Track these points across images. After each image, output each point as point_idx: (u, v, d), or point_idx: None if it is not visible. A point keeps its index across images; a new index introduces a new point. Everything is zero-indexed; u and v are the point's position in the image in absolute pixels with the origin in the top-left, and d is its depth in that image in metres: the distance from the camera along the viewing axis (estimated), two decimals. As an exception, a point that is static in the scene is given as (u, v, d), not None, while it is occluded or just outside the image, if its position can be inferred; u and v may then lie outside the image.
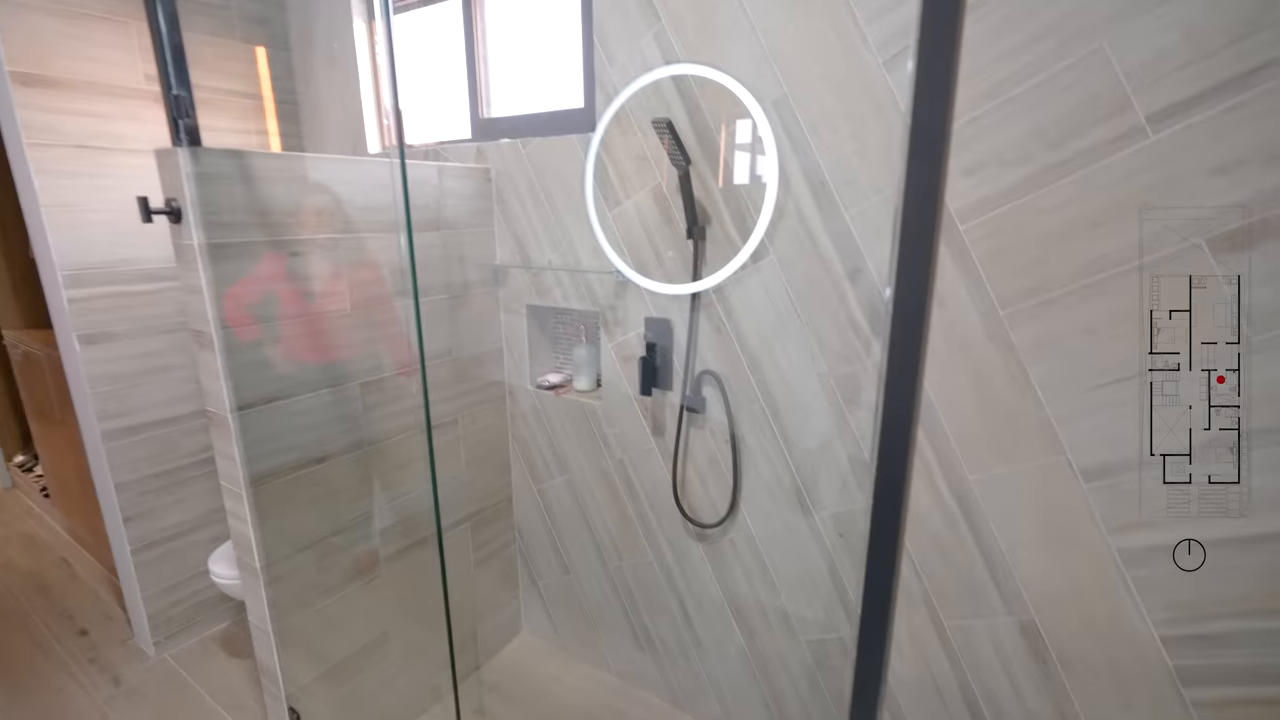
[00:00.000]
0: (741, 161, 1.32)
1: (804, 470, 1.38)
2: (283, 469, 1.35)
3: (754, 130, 1.28)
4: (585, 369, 1.74)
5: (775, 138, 1.24)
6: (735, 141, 1.31)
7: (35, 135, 1.62)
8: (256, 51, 2.02)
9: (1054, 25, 0.95)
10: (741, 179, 1.32)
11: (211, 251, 1.17)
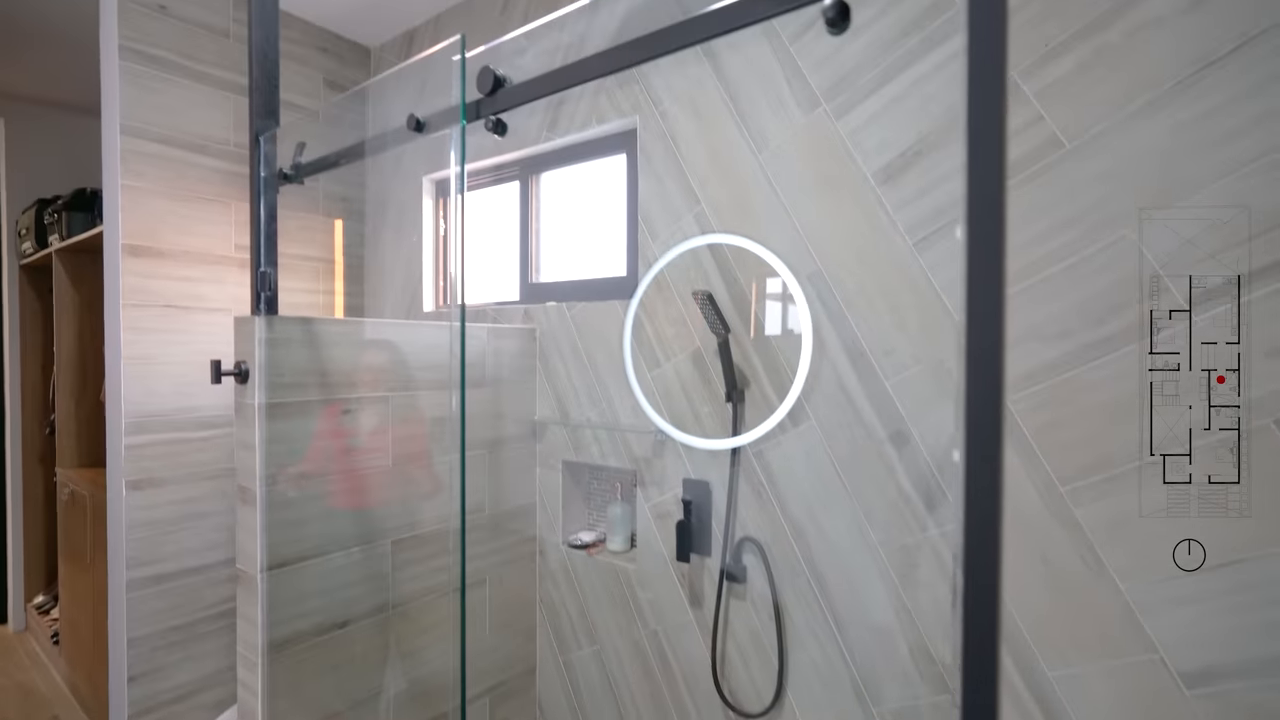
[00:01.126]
0: (776, 325, 1.36)
1: (859, 655, 1.26)
2: (303, 634, 1.29)
3: (784, 293, 1.33)
4: (619, 528, 1.68)
5: (811, 309, 1.29)
6: (767, 308, 1.37)
7: (132, 297, 1.79)
8: (335, 224, 2.26)
9: (1080, 214, 1.00)
10: (778, 342, 1.35)
11: (270, 410, 1.22)
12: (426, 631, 1.53)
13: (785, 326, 1.35)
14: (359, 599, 1.39)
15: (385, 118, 1.23)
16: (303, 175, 1.22)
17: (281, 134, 1.21)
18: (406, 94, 1.18)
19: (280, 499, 1.24)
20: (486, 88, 0.88)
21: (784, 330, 1.35)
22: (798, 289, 1.31)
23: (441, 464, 1.55)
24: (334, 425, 1.34)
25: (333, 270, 2.28)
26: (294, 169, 1.22)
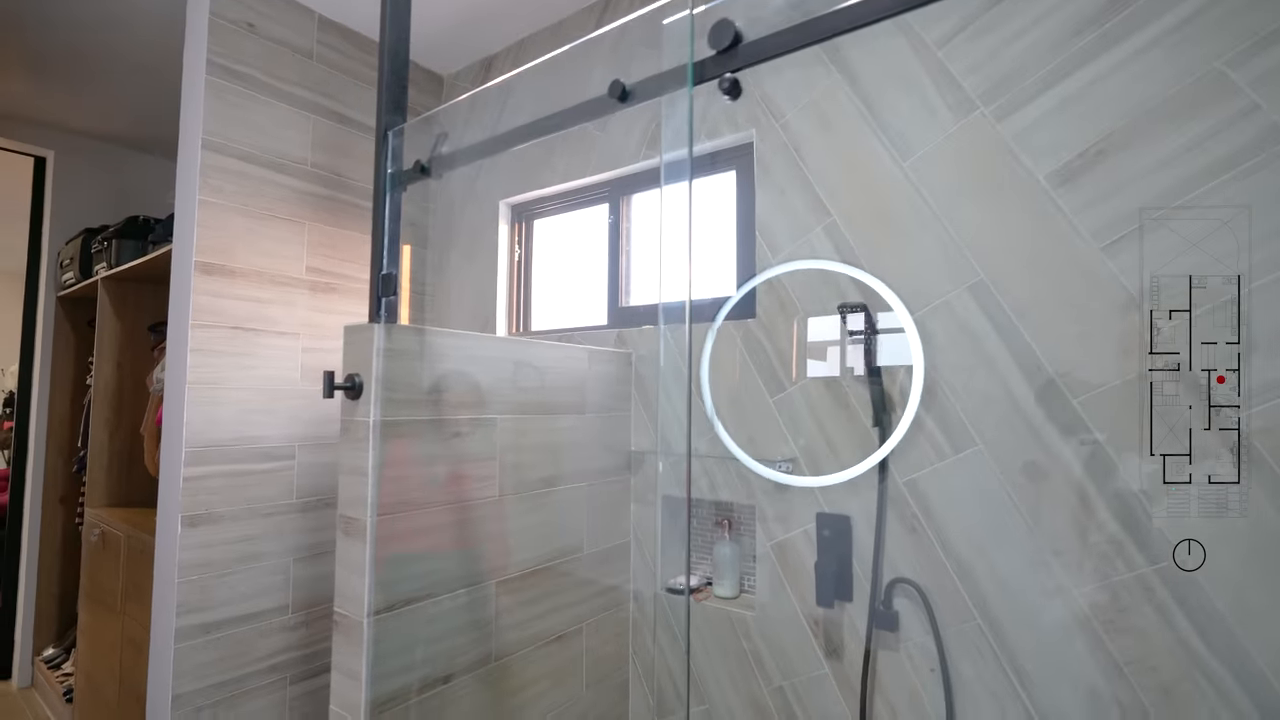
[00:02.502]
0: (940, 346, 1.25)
1: (1050, 715, 1.09)
2: (407, 691, 1.12)
3: (941, 309, 1.23)
4: (728, 570, 1.53)
5: (973, 322, 1.18)
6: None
7: (201, 317, 1.69)
8: (404, 249, 2.18)
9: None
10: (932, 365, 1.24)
11: (381, 429, 1.10)
12: (528, 686, 1.36)
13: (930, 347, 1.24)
14: (462, 649, 1.23)
15: (539, 101, 1.12)
16: (441, 169, 1.14)
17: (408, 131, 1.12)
18: (581, 71, 1.07)
19: (386, 533, 1.10)
20: (724, 42, 0.79)
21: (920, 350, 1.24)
22: (905, 314, 1.23)
23: (554, 494, 1.41)
24: (442, 449, 1.21)
25: (395, 308, 2.18)
26: (431, 162, 1.13)
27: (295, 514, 1.85)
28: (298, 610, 1.85)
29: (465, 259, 2.17)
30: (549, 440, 1.43)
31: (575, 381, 1.51)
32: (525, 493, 1.36)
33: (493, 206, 2.10)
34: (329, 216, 1.98)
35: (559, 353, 1.48)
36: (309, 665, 1.87)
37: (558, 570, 1.44)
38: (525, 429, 1.37)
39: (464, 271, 2.17)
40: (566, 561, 1.46)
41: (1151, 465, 1.02)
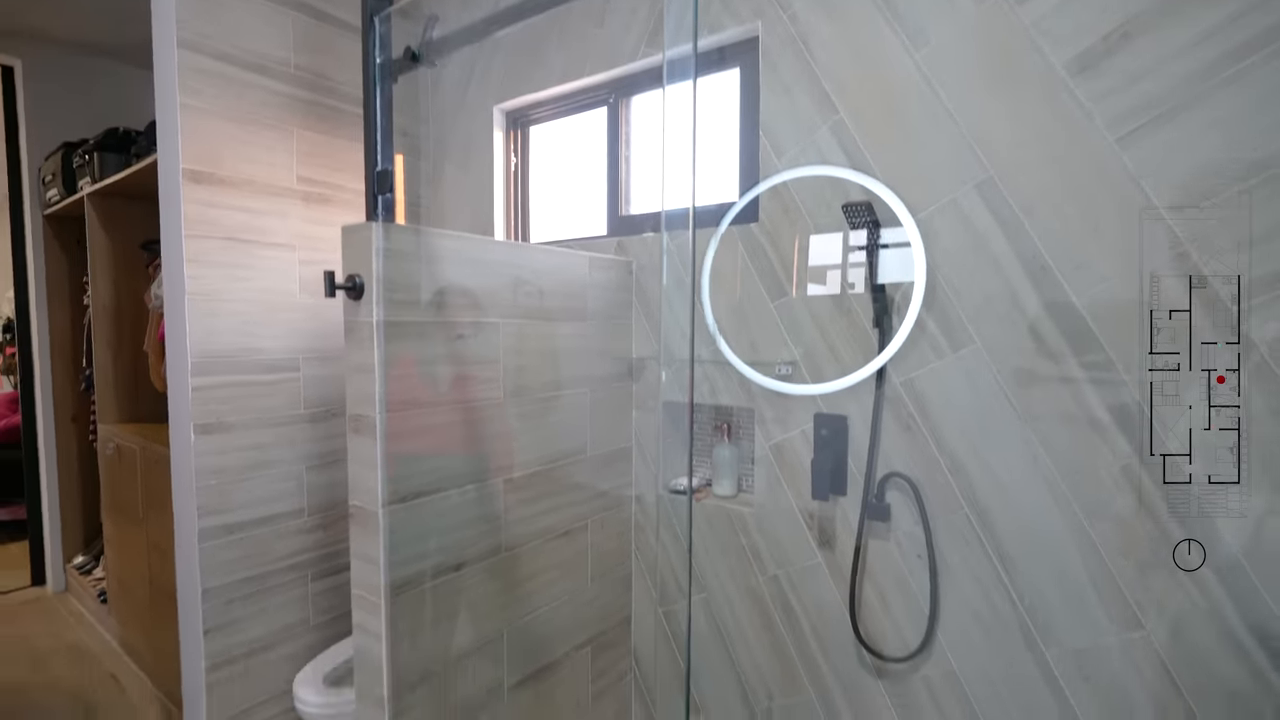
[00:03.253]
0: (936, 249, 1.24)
1: (1030, 596, 1.16)
2: (423, 576, 1.19)
3: (948, 207, 1.21)
4: (727, 471, 1.58)
5: (978, 221, 1.17)
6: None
7: (194, 227, 1.66)
8: (396, 158, 2.11)
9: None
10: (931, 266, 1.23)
11: (385, 330, 1.10)
12: (532, 578, 1.44)
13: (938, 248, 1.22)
14: (473, 540, 1.29)
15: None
16: (434, 55, 1.08)
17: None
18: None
19: (395, 430, 1.13)
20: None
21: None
22: (907, 217, 1.21)
23: (557, 399, 1.44)
24: (445, 351, 1.22)
25: (394, 209, 2.14)
26: (423, 48, 1.08)
27: (304, 424, 1.90)
28: (313, 514, 1.93)
29: (460, 169, 2.11)
30: (550, 346, 1.44)
31: (576, 289, 1.51)
32: (528, 396, 1.39)
33: (486, 113, 2.02)
34: (316, 123, 1.91)
35: (559, 259, 1.46)
36: (328, 564, 1.97)
37: (562, 471, 1.49)
38: (526, 334, 1.38)
39: (459, 182, 2.12)
40: (570, 463, 1.51)
41: (1145, 368, 1.04)
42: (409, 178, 2.19)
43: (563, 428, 1.49)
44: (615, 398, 1.65)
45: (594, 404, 1.57)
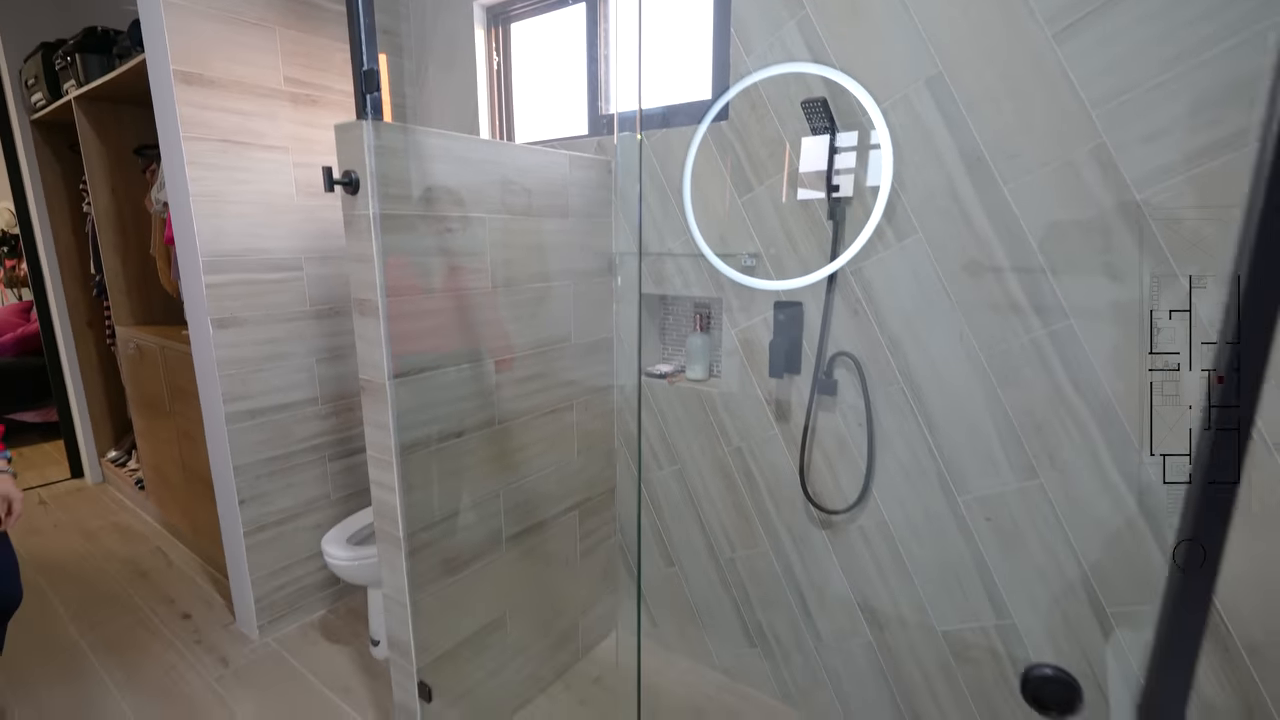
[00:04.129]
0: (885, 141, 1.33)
1: (947, 452, 1.36)
2: (427, 440, 1.38)
3: (904, 106, 1.29)
4: (699, 358, 1.74)
5: (926, 117, 1.25)
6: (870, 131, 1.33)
7: (190, 129, 1.73)
8: (380, 58, 2.13)
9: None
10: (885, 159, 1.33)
11: (380, 222, 1.22)
12: (524, 449, 1.63)
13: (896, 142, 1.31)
14: (470, 413, 1.47)
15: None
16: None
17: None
18: None
19: (395, 313, 1.27)
20: None
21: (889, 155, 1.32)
22: (877, 114, 1.28)
23: (542, 291, 1.58)
24: (436, 244, 1.35)
25: (380, 109, 2.18)
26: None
27: (310, 320, 2.04)
28: (325, 402, 2.12)
29: (444, 69, 2.13)
30: (535, 241, 1.56)
31: (558, 186, 1.60)
32: (516, 287, 1.53)
33: (467, 8, 2.02)
34: (298, 21, 1.92)
35: (540, 158, 1.55)
36: (342, 448, 2.19)
37: (549, 355, 1.65)
38: (512, 229, 1.49)
39: (443, 82, 2.14)
40: (556, 348, 1.67)
41: (1058, 240, 1.17)
42: (393, 77, 2.21)
43: (548, 317, 1.63)
44: (596, 291, 1.79)
45: (576, 296, 1.71)
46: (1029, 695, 0.64)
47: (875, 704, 1.56)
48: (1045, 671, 0.64)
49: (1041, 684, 0.63)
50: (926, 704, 1.49)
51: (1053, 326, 1.19)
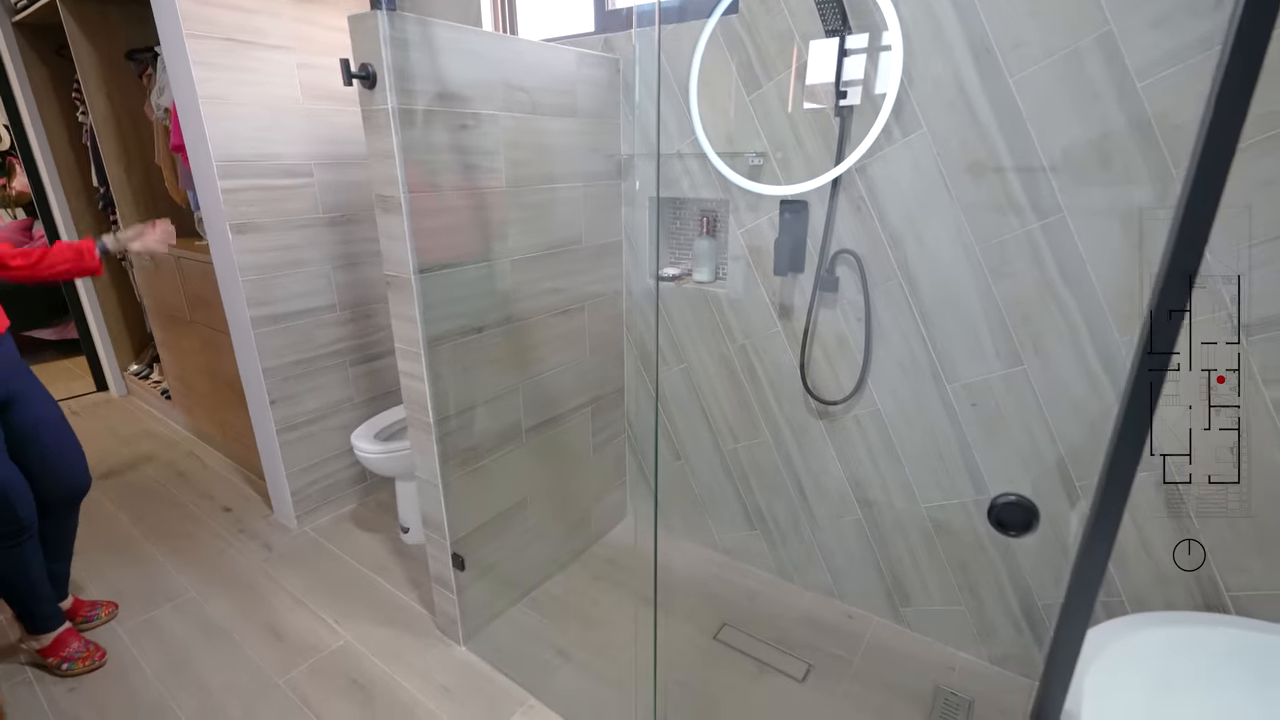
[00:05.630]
0: (892, 39, 1.33)
1: (940, 344, 1.44)
2: (450, 334, 1.46)
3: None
4: (705, 261, 1.80)
5: (939, 5, 1.25)
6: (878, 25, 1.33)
7: (192, 26, 1.70)
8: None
9: None
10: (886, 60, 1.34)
11: (399, 116, 1.25)
12: (538, 346, 1.72)
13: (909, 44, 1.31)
14: (489, 310, 1.55)
15: None
16: None
17: None
18: None
19: (416, 209, 1.32)
20: None
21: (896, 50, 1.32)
22: (890, 9, 1.27)
23: (553, 192, 1.62)
24: (452, 140, 1.37)
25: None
26: None
27: (325, 227, 2.08)
28: (344, 309, 2.19)
29: (443, -38, 2.06)
30: (545, 141, 1.58)
31: (566, 84, 1.60)
32: (528, 187, 1.56)
33: (465, -106, 1.93)
34: (291, -93, 1.84)
35: (548, 54, 1.55)
36: (362, 353, 2.28)
37: (561, 256, 1.71)
38: (523, 128, 1.51)
39: (444, -22, 2.08)
40: (568, 250, 1.73)
41: (1057, 133, 1.20)
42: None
43: (560, 219, 1.68)
44: (606, 194, 1.82)
45: (586, 198, 1.75)
46: (993, 519, 0.75)
47: (862, 574, 1.74)
48: (1009, 498, 0.75)
49: (1004, 509, 0.74)
50: (909, 571, 1.65)
51: (1047, 219, 1.25)
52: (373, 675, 1.58)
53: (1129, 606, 1.36)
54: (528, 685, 1.53)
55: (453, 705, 1.49)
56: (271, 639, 1.71)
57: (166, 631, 1.74)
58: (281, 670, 1.60)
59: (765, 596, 1.86)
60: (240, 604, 1.85)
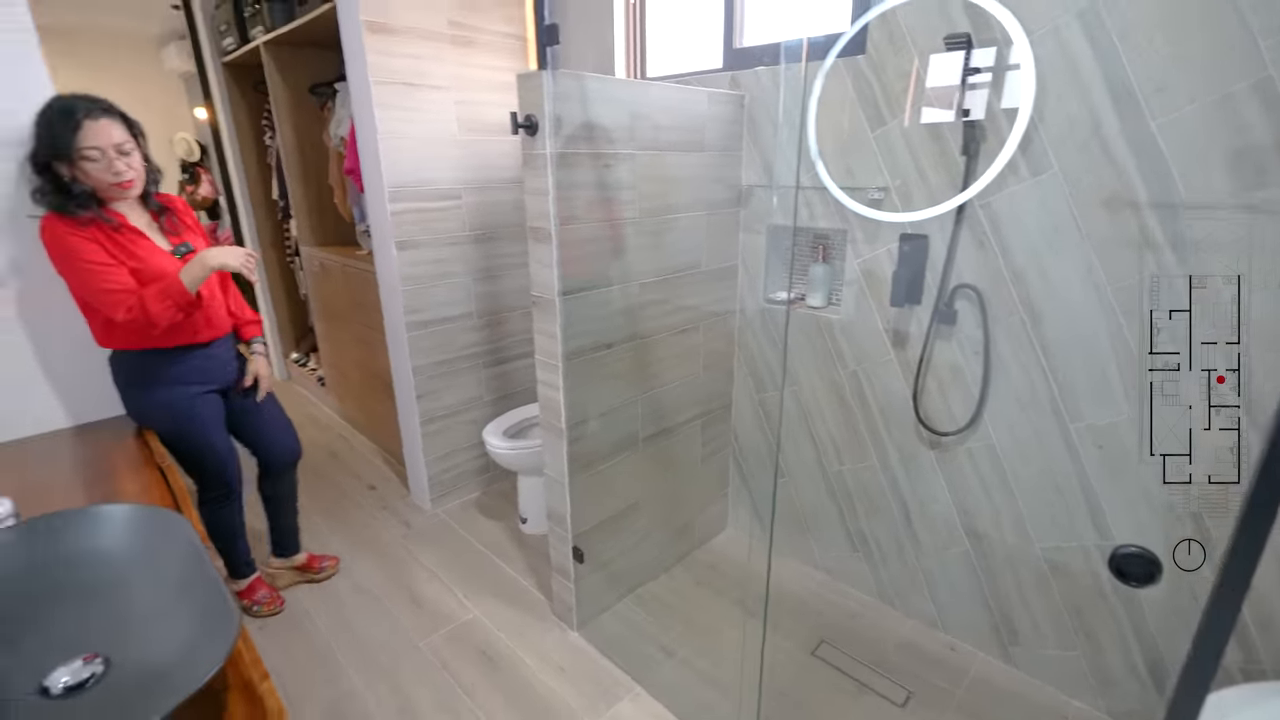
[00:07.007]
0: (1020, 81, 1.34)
1: (1062, 379, 1.43)
2: (584, 349, 1.62)
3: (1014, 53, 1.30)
4: (820, 287, 1.86)
5: (1073, 48, 1.26)
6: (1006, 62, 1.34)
7: (377, 74, 1.99)
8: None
9: None
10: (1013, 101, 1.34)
11: (555, 160, 1.42)
12: (661, 361, 1.86)
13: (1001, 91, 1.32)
14: (617, 328, 1.70)
15: None
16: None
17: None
18: None
19: (562, 239, 1.49)
20: None
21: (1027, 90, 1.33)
22: (1022, 37, 1.27)
23: (678, 221, 1.75)
24: (597, 177, 1.53)
25: (524, 48, 2.35)
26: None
27: (469, 244, 2.34)
28: (480, 316, 2.44)
29: (582, 7, 2.25)
30: (674, 174, 1.71)
31: (696, 122, 1.73)
32: (657, 217, 1.70)
33: (609, -56, 2.11)
34: (457, -35, 2.10)
35: (682, 95, 1.68)
36: (494, 356, 2.53)
37: (683, 279, 1.83)
38: (656, 163, 1.65)
39: (582, 18, 2.27)
40: (689, 274, 1.85)
41: (1203, 175, 1.17)
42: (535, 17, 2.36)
43: (683, 244, 1.81)
44: (725, 221, 1.93)
45: (708, 226, 1.87)
46: (1114, 568, 0.78)
47: (968, 607, 1.73)
48: (1131, 549, 0.77)
49: (1126, 559, 0.77)
50: (1019, 610, 1.63)
51: (1188, 265, 1.22)
52: (498, 648, 1.78)
53: (1270, 674, 1.29)
54: (635, 675, 1.67)
55: (567, 684, 1.65)
56: (413, 605, 1.96)
57: (329, 589, 2.04)
58: (421, 634, 1.83)
59: (865, 619, 1.89)
60: (385, 571, 2.12)
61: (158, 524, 0.91)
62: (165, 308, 1.39)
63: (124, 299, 1.37)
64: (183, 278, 1.41)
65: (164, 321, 1.41)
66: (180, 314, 1.44)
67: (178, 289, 1.40)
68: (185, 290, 1.41)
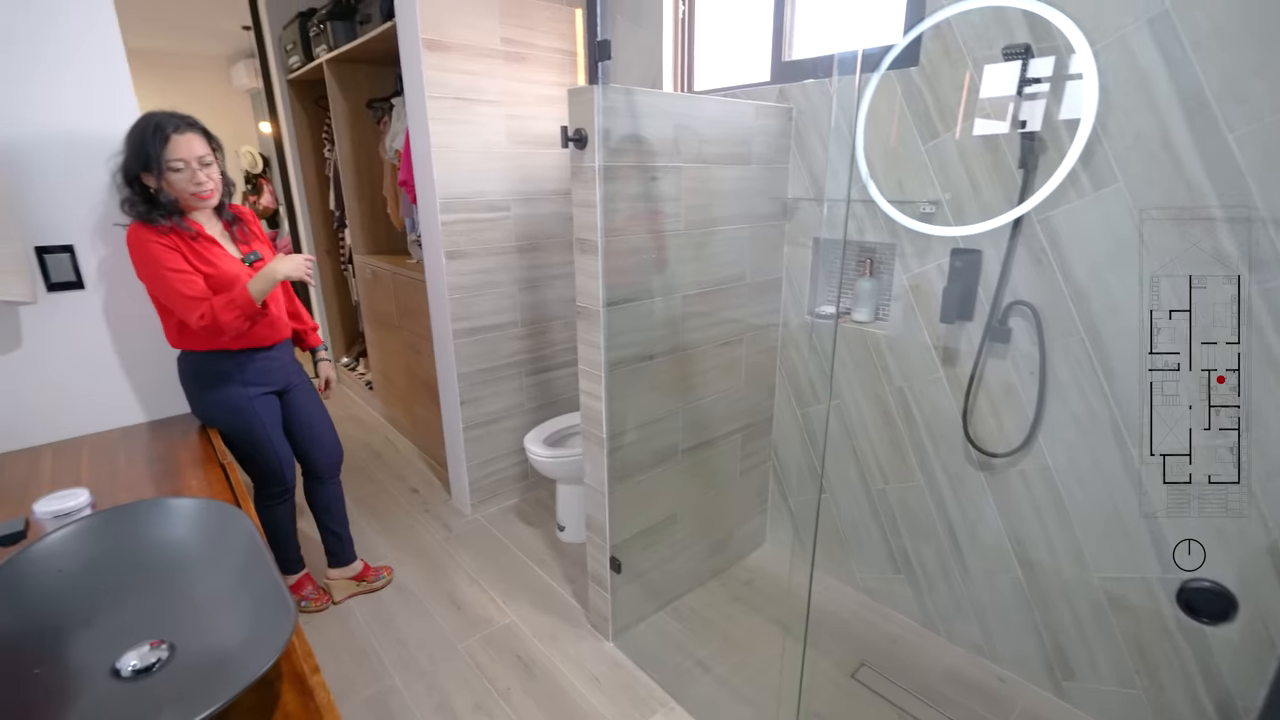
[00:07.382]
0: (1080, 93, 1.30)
1: (1125, 405, 1.37)
2: (627, 360, 1.64)
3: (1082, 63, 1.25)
4: (866, 301, 1.83)
5: (1145, 57, 1.21)
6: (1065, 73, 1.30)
7: (432, 90, 2.06)
8: (576, 13, 2.33)
9: None
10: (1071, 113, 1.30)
11: (603, 173, 1.44)
12: (700, 374, 1.85)
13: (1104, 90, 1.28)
14: (659, 340, 1.70)
15: None
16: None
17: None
18: None
19: (608, 250, 1.51)
20: None
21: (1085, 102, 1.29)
22: (1084, 46, 1.23)
23: (723, 233, 1.75)
24: (643, 189, 1.55)
25: (574, 62, 2.40)
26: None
27: (514, 254, 2.39)
28: (523, 325, 2.48)
29: (632, 20, 2.28)
30: (719, 187, 1.72)
31: (743, 135, 1.73)
32: (702, 229, 1.71)
33: (658, -40, 2.14)
34: (510, -17, 2.16)
35: (729, 108, 1.68)
36: (536, 364, 2.56)
37: (726, 292, 1.83)
38: (702, 176, 1.66)
39: (631, 33, 2.30)
40: (732, 286, 1.85)
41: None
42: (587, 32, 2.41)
43: (727, 257, 1.81)
44: (770, 234, 1.92)
45: (753, 238, 1.86)
46: (1182, 602, 0.74)
47: (1018, 637, 1.66)
48: (1203, 583, 0.73)
49: (1197, 594, 0.73)
50: (1074, 643, 1.56)
51: (1267, 284, 1.15)
52: (534, 654, 1.79)
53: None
54: (669, 688, 1.65)
55: (601, 695, 1.65)
56: (452, 607, 1.99)
57: (372, 588, 2.09)
58: (460, 636, 1.86)
59: (907, 643, 1.83)
60: (426, 573, 2.16)
61: (221, 518, 0.96)
62: (234, 317, 1.46)
63: (198, 305, 1.45)
64: (250, 289, 1.48)
65: (232, 330, 1.48)
66: (247, 323, 1.51)
67: (245, 299, 1.47)
68: (252, 301, 1.48)
